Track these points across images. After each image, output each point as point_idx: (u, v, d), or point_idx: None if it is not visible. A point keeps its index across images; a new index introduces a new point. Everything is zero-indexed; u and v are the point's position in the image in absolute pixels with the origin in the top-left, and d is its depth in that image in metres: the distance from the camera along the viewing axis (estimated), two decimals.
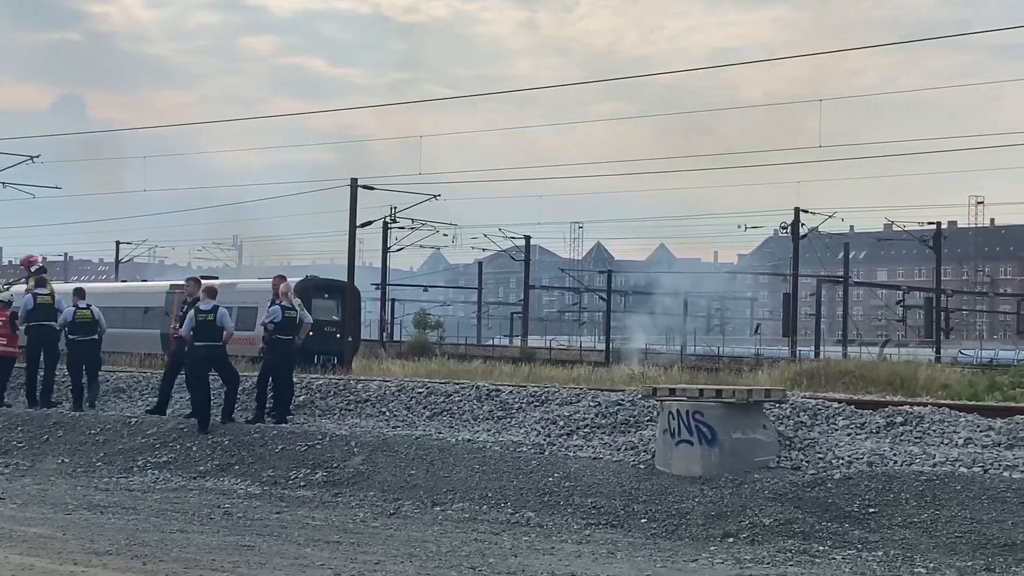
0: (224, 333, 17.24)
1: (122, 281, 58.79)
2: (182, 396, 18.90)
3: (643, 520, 11.67)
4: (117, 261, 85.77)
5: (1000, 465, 12.19)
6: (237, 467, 15.09)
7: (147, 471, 15.45)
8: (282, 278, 19.36)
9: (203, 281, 20.15)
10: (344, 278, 46.02)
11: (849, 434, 14.10)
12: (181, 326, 17.75)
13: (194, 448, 15.99)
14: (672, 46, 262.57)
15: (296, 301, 18.35)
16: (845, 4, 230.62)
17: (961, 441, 13.42)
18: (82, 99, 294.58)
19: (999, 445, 13.20)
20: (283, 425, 16.78)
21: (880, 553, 10.21)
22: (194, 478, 14.92)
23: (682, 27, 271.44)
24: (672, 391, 13.39)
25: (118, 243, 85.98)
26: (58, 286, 26.80)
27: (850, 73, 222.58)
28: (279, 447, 15.35)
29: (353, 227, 50.28)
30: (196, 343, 17.18)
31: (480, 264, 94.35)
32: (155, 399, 19.02)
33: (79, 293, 20.49)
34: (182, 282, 44.73)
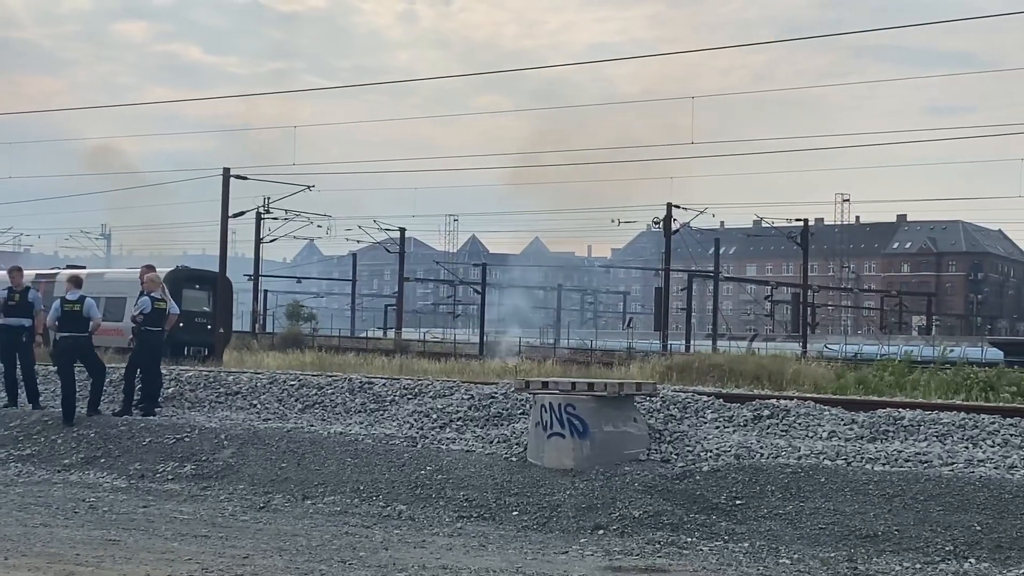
0: (91, 324, 16.91)
1: None
2: (47, 388, 18.51)
3: (515, 513, 11.71)
4: None
5: (863, 458, 12.47)
6: (103, 460, 14.80)
7: (9, 464, 15.08)
8: (150, 268, 19.04)
9: (68, 271, 19.75)
10: (216, 269, 45.47)
11: (717, 427, 14.33)
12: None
13: (59, 441, 15.66)
14: (552, 41, 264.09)
15: (165, 291, 18.07)
16: (718, 3, 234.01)
17: (825, 434, 13.71)
18: None
19: (862, 438, 13.51)
20: (151, 417, 16.52)
21: (746, 544, 10.38)
22: (58, 471, 14.60)
23: (562, 22, 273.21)
24: (545, 384, 13.44)
25: None
26: None
27: (722, 71, 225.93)
28: (147, 440, 15.10)
29: (225, 217, 49.69)
30: (61, 333, 16.84)
31: (354, 256, 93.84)
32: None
33: None
34: (49, 271, 43.97)
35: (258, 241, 68.23)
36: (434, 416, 15.59)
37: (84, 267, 45.45)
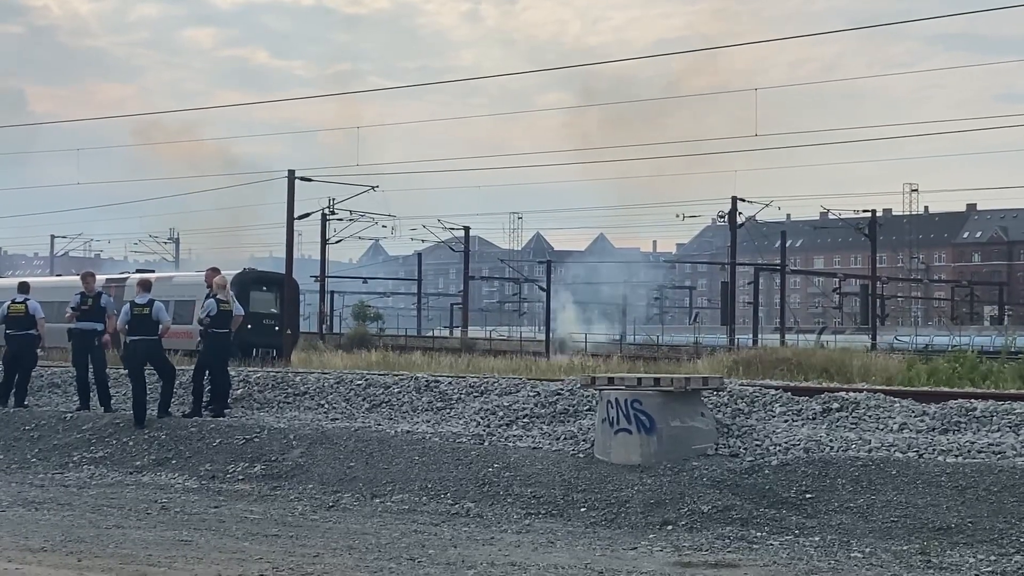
0: (160, 327, 17.08)
1: (57, 275, 58.13)
2: (118, 391, 18.72)
3: (583, 509, 11.69)
4: (52, 255, 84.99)
5: (934, 450, 12.32)
6: (174, 461, 14.96)
7: (83, 466, 15.28)
8: (216, 271, 19.19)
9: (137, 275, 19.93)
10: (282, 270, 45.79)
11: (786, 421, 14.20)
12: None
13: (130, 443, 15.84)
14: (616, 37, 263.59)
15: (230, 293, 18.23)
16: None
17: (896, 426, 13.56)
18: (23, 92, 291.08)
19: (933, 430, 13.34)
20: (220, 419, 16.66)
21: (817, 538, 10.29)
22: (130, 473, 14.78)
23: (626, 18, 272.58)
24: (611, 380, 13.41)
25: (53, 237, 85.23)
26: None
27: (791, 64, 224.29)
28: (217, 441, 15.24)
29: (291, 219, 49.96)
30: (131, 337, 17.03)
31: (419, 255, 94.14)
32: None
33: (20, 287, 20.02)
34: (119, 275, 44.52)
35: (324, 242, 68.62)
36: (500, 414, 15.59)
37: (153, 271, 45.97)
